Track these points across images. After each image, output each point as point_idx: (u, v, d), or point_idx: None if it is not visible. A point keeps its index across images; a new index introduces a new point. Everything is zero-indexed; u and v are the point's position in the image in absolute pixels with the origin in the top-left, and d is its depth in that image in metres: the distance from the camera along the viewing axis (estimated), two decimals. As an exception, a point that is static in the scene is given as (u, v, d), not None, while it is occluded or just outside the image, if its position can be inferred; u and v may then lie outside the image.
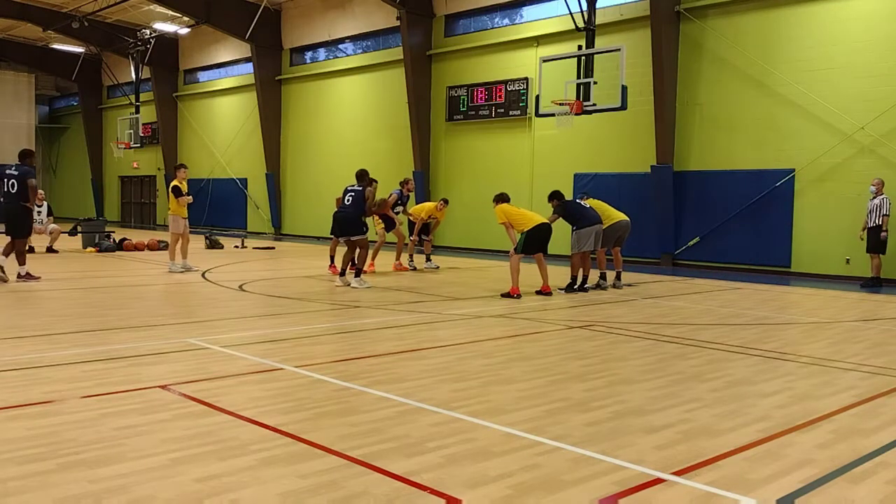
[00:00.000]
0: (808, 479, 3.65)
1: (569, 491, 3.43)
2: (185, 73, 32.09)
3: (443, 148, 21.78)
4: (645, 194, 17.14)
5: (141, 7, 27.17)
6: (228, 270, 14.18)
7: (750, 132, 15.88)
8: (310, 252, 19.64)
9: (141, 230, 29.58)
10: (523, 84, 19.55)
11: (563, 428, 4.41)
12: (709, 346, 7.31)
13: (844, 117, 14.52)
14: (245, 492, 3.34)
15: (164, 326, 7.75)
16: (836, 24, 14.70)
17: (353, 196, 11.83)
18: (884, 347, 7.44)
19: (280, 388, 5.28)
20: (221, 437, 4.10)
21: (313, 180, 25.63)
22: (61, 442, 3.95)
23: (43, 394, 4.93)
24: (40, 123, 39.31)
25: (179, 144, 32.40)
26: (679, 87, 16.78)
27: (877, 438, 4.37)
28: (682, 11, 16.64)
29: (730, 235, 16.20)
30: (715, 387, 5.57)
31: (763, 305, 10.65)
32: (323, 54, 26.04)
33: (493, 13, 20.94)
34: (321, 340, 7.29)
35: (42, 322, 7.83)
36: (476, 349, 6.90)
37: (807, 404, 5.12)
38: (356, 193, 11.83)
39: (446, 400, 4.99)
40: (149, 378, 5.43)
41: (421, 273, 14.43)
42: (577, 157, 18.56)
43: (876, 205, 13.16)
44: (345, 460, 3.76)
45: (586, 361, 6.43)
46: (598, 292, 11.68)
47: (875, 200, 13.20)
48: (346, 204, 11.84)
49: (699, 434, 4.36)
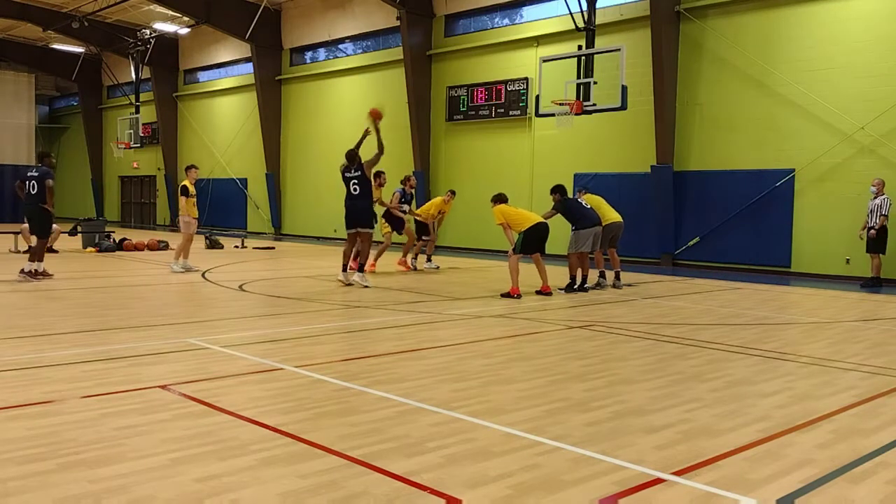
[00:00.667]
0: (808, 479, 3.65)
1: (569, 491, 3.43)
2: (185, 73, 32.09)
3: (443, 148, 21.78)
4: (645, 194, 17.14)
5: (141, 7, 27.17)
6: (228, 270, 14.17)
7: (750, 132, 15.88)
8: (310, 252, 19.64)
9: (141, 230, 29.57)
10: (523, 84, 19.55)
11: (563, 428, 4.41)
12: (709, 346, 7.31)
13: (844, 117, 14.52)
14: (245, 492, 3.34)
15: (164, 326, 7.75)
16: (836, 24, 14.70)
17: (358, 183, 11.40)
18: (884, 347, 7.44)
19: (280, 388, 5.28)
20: (221, 437, 4.10)
21: (313, 180, 25.62)
22: (61, 442, 3.95)
23: (43, 394, 4.93)
24: (40, 123, 39.29)
25: (179, 144, 32.42)
26: (679, 87, 16.78)
27: (877, 438, 4.37)
28: (682, 11, 16.64)
29: (730, 235, 16.20)
30: (715, 387, 5.57)
31: (763, 305, 10.65)
32: (323, 54, 26.04)
33: (493, 13, 20.94)
34: (321, 340, 7.29)
35: (42, 322, 7.83)
36: (476, 349, 6.90)
37: (807, 404, 5.12)
38: (359, 180, 11.37)
39: (446, 400, 4.99)
40: (149, 378, 5.43)
41: (421, 273, 14.43)
42: (577, 157, 18.56)
43: (877, 205, 13.16)
44: (345, 460, 3.76)
45: (586, 361, 6.43)
46: (597, 292, 11.68)
47: (876, 200, 13.20)
48: (354, 193, 11.47)
49: (699, 434, 4.36)
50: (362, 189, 11.48)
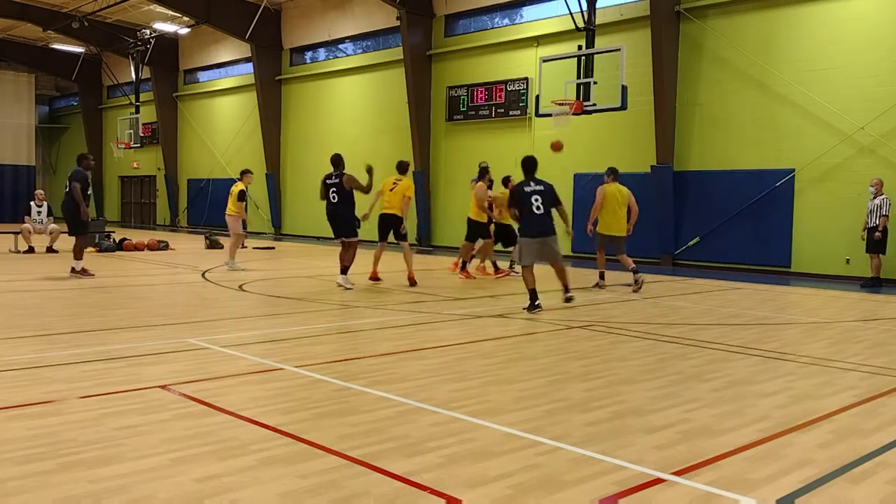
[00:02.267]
0: (808, 479, 3.65)
1: (569, 491, 3.43)
2: (185, 73, 32.10)
3: (443, 148, 21.77)
4: (645, 194, 17.09)
5: (141, 7, 27.17)
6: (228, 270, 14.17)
7: (750, 132, 15.88)
8: (310, 252, 19.64)
9: (141, 230, 29.57)
10: (523, 84, 19.55)
11: (563, 428, 4.41)
12: (709, 346, 7.31)
13: (844, 117, 14.52)
14: (245, 492, 3.34)
15: (164, 326, 7.75)
16: (836, 24, 14.70)
17: (337, 191, 11.18)
18: (884, 347, 7.44)
19: (280, 388, 5.28)
20: (221, 437, 4.10)
21: (313, 180, 25.37)
22: (61, 442, 3.95)
23: (43, 394, 4.93)
24: (40, 123, 39.29)
25: (179, 144, 32.43)
26: (679, 87, 16.78)
27: (877, 438, 4.36)
28: (682, 11, 16.64)
29: (730, 235, 16.20)
30: (715, 387, 5.57)
31: (763, 305, 10.65)
32: (323, 54, 26.04)
33: (493, 13, 20.94)
34: (321, 340, 7.29)
35: (42, 322, 7.82)
36: (476, 349, 6.90)
37: (807, 404, 5.11)
38: (338, 188, 11.17)
39: (446, 400, 4.99)
40: (149, 378, 5.43)
41: (421, 272, 14.37)
42: (577, 157, 18.54)
43: (876, 205, 13.17)
44: (345, 460, 3.76)
45: (586, 361, 6.43)
46: (596, 291, 11.68)
47: (875, 200, 13.21)
48: (333, 201, 11.28)
49: (699, 434, 4.36)
50: (340, 196, 11.28)
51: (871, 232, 13.20)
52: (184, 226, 32.04)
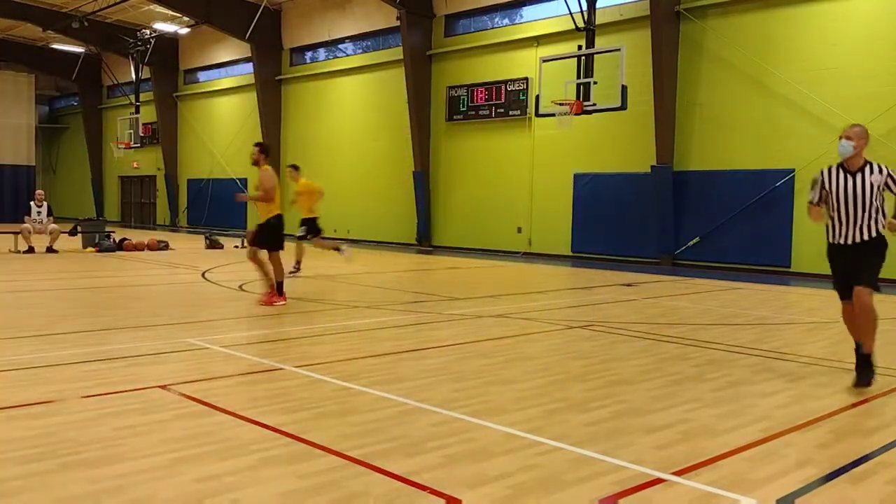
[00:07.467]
0: (808, 479, 3.65)
1: (569, 491, 3.43)
2: (185, 73, 32.09)
3: (443, 148, 21.77)
4: (645, 194, 17.14)
5: (141, 7, 27.16)
6: (228, 270, 14.17)
7: (750, 132, 15.87)
8: (309, 252, 19.59)
9: (141, 230, 29.55)
10: (523, 84, 19.54)
11: (563, 428, 4.41)
12: (709, 346, 7.31)
13: (844, 117, 14.48)
14: (245, 492, 3.34)
15: (163, 326, 7.75)
16: (836, 24, 14.70)
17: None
18: (884, 347, 7.43)
19: (280, 388, 5.28)
20: (221, 437, 4.10)
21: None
22: (61, 442, 3.95)
23: (43, 394, 4.93)
24: (40, 123, 39.29)
25: (179, 144, 32.42)
26: (679, 87, 16.78)
27: (877, 438, 4.36)
28: (681, 11, 16.64)
29: (730, 235, 16.19)
30: (715, 387, 5.57)
31: (763, 305, 10.65)
32: (323, 54, 26.04)
33: (493, 13, 20.94)
34: (321, 340, 7.29)
35: (42, 322, 7.82)
36: (476, 349, 6.89)
37: (807, 404, 5.11)
38: None
39: (446, 400, 4.99)
40: (149, 378, 5.43)
41: (421, 272, 14.38)
42: (577, 157, 18.56)
43: (876, 205, 13.15)
44: (345, 460, 3.76)
45: (586, 361, 6.43)
46: (596, 291, 11.67)
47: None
48: None
49: (699, 434, 4.36)
50: None
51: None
52: (184, 226, 32.04)
